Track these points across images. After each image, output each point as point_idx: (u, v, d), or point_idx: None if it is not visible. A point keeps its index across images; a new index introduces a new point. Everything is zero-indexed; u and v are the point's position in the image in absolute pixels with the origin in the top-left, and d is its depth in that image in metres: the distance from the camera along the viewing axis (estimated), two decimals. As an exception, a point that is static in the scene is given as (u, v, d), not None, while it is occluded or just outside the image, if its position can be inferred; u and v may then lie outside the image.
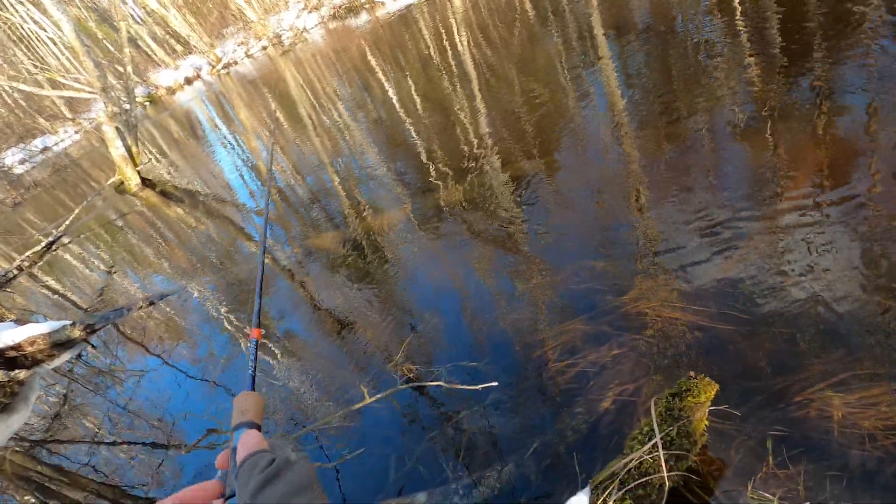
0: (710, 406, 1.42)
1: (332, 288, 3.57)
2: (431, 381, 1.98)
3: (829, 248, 2.08)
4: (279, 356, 3.16)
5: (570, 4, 7.00)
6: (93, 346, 4.32)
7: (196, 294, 4.41)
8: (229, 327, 3.77)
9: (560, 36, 6.08)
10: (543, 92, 4.86)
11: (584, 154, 3.65)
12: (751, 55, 3.68)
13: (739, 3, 4.45)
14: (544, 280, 2.65)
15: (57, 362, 4.33)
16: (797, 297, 1.98)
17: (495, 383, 1.93)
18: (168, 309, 4.40)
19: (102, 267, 6.61)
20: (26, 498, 3.12)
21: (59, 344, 4.34)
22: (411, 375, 2.25)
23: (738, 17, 4.27)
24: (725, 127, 3.09)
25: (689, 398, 1.37)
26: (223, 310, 4.03)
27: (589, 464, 1.76)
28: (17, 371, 4.09)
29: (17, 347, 4.26)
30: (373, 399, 2.02)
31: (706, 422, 1.43)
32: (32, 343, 4.25)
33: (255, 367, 0.97)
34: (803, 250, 2.13)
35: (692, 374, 1.46)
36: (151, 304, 4.30)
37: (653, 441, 1.31)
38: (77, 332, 4.33)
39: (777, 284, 2.06)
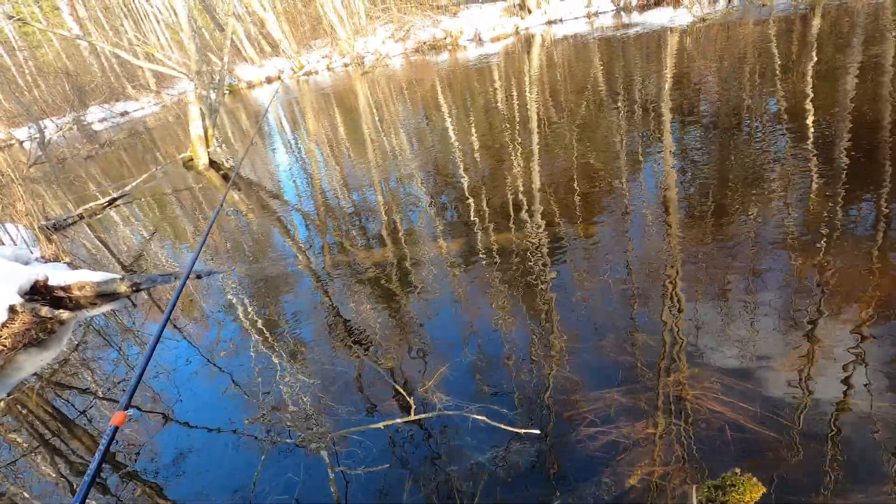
0: (753, 508, 1.40)
1: (358, 303, 3.64)
2: (474, 414, 1.99)
3: (886, 380, 2.04)
4: (314, 358, 3.24)
5: (643, 84, 7.24)
6: (134, 304, 4.50)
7: (221, 279, 4.56)
8: (243, 319, 3.87)
9: (626, 111, 6.25)
10: (599, 161, 4.96)
11: (627, 231, 3.66)
12: (814, 168, 3.70)
13: (813, 119, 4.51)
14: (583, 343, 2.66)
15: (96, 311, 4.53)
16: (848, 419, 1.94)
17: (537, 431, 1.94)
18: (193, 287, 4.55)
19: (149, 232, 6.94)
20: (31, 438, 3.22)
21: (104, 294, 4.55)
22: (449, 404, 2.27)
23: (807, 129, 4.32)
24: (776, 235, 3.08)
25: (733, 494, 1.36)
26: (244, 301, 4.14)
27: (607, 537, 1.73)
28: (60, 311, 4.30)
29: (66, 289, 4.49)
30: (417, 417, 2.05)
31: (746, 523, 1.41)
32: (81, 288, 4.47)
33: (97, 470, 0.65)
34: (856, 374, 2.10)
35: (738, 470, 1.45)
36: (199, 277, 4.49)
37: (691, 528, 1.30)
38: (123, 288, 4.54)
39: (828, 402, 2.02)
